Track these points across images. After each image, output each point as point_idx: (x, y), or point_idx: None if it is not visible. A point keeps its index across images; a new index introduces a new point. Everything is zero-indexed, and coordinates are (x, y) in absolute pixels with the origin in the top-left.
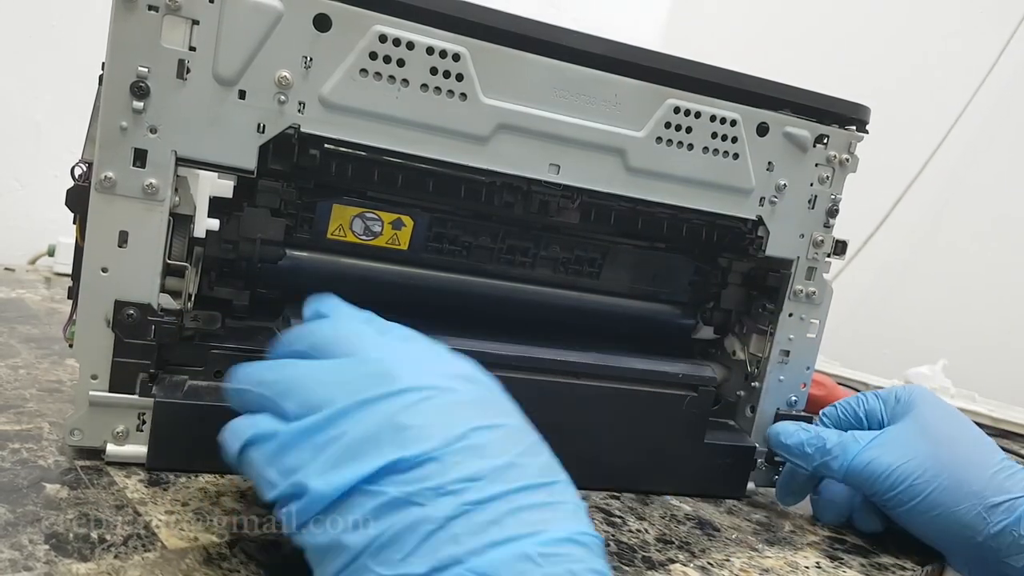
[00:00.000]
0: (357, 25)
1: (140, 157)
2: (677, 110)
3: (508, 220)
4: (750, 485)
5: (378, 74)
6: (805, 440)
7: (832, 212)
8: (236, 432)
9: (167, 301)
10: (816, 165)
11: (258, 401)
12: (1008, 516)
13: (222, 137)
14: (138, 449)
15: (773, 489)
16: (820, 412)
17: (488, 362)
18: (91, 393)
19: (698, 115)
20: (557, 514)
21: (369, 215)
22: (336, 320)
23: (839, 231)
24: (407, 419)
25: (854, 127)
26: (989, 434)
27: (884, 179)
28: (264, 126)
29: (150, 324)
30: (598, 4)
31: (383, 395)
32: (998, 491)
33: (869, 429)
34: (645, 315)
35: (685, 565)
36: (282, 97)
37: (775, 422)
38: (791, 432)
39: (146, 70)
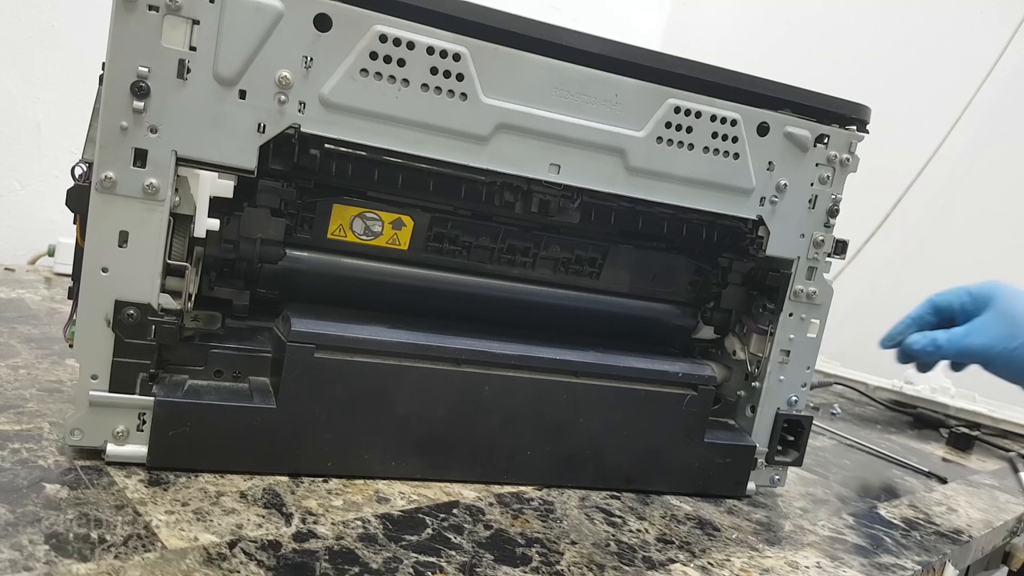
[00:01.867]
0: (357, 25)
1: (140, 157)
2: (677, 110)
3: (508, 220)
4: (750, 485)
5: (378, 74)
6: (925, 344)
7: (832, 212)
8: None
9: (167, 301)
10: (816, 165)
11: None
12: None
13: (222, 137)
14: (138, 449)
15: (773, 489)
16: (914, 311)
17: (488, 362)
18: (91, 393)
19: (698, 115)
20: None
21: (369, 215)
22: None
23: (839, 231)
24: None
25: (854, 127)
26: (989, 434)
27: (884, 179)
28: (264, 126)
29: (150, 324)
30: (598, 4)
31: None
32: None
33: (954, 318)
34: (645, 315)
35: (685, 565)
36: (282, 97)
37: (775, 423)
38: (915, 340)
39: (146, 70)
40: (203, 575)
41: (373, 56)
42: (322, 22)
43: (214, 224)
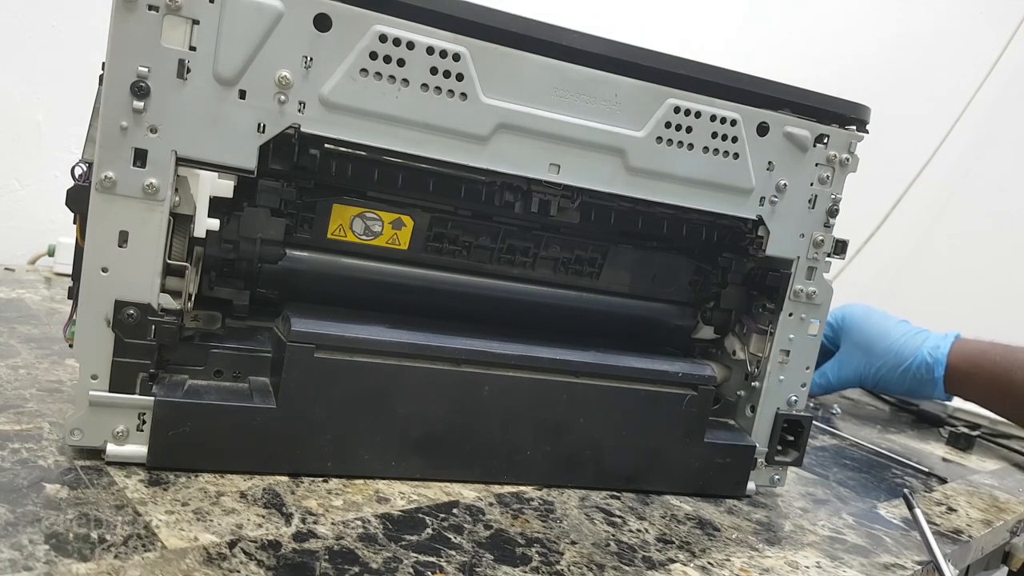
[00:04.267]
0: (357, 25)
1: (140, 157)
2: (677, 110)
3: (508, 220)
4: (750, 485)
5: (378, 74)
6: (817, 380)
7: (832, 212)
8: None
9: (167, 301)
10: (816, 165)
11: None
12: (915, 356)
13: (222, 137)
14: (138, 449)
15: (773, 489)
16: None
17: (488, 362)
18: (91, 393)
19: (698, 115)
20: None
21: (369, 215)
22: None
23: (839, 231)
24: None
25: (854, 127)
26: (988, 434)
27: (884, 179)
28: (264, 126)
29: (150, 324)
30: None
31: None
32: (905, 349)
33: (831, 343)
34: (645, 315)
35: (685, 565)
36: (282, 97)
37: (775, 423)
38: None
39: (146, 70)
40: (203, 575)
41: (373, 56)
42: (322, 22)
43: (214, 224)
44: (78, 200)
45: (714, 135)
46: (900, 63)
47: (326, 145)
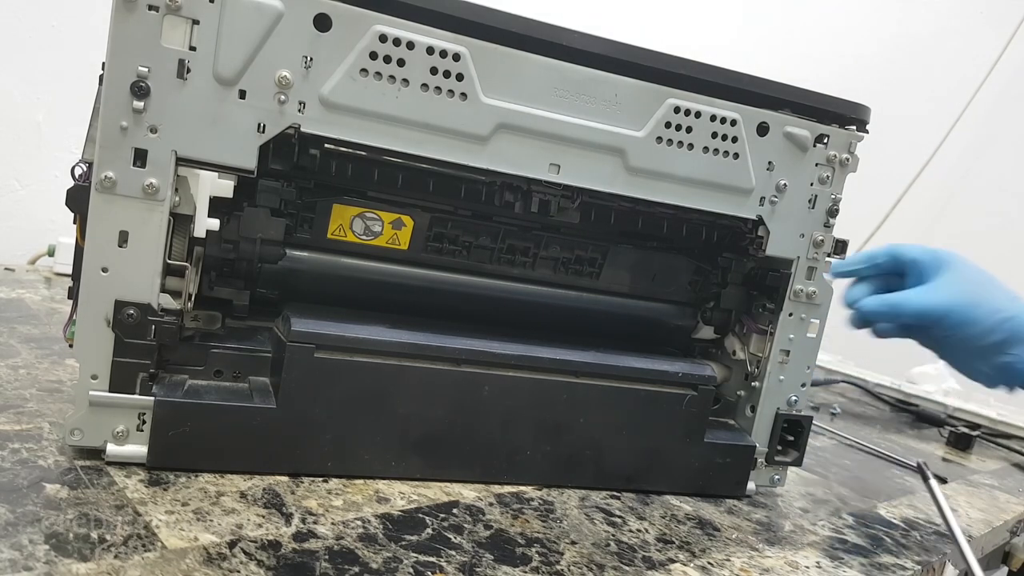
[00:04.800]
0: (357, 25)
1: (140, 157)
2: (677, 110)
3: (508, 220)
4: (750, 485)
5: (378, 74)
6: (878, 306)
7: (832, 212)
8: None
9: (167, 301)
10: (816, 165)
11: None
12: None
13: (222, 137)
14: (138, 449)
15: (773, 489)
16: (871, 254)
17: (488, 362)
18: (91, 393)
19: (698, 115)
20: None
21: (369, 215)
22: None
23: (839, 231)
24: None
25: (854, 127)
26: (988, 434)
27: (884, 179)
28: (264, 126)
29: (150, 324)
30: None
31: None
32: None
33: (907, 276)
34: (645, 315)
35: (685, 565)
36: (282, 97)
37: (775, 423)
38: (869, 303)
39: (146, 70)
40: (203, 575)
41: (373, 56)
42: (322, 22)
43: (214, 224)
44: (78, 200)
45: (714, 135)
46: (900, 63)
47: (326, 145)
